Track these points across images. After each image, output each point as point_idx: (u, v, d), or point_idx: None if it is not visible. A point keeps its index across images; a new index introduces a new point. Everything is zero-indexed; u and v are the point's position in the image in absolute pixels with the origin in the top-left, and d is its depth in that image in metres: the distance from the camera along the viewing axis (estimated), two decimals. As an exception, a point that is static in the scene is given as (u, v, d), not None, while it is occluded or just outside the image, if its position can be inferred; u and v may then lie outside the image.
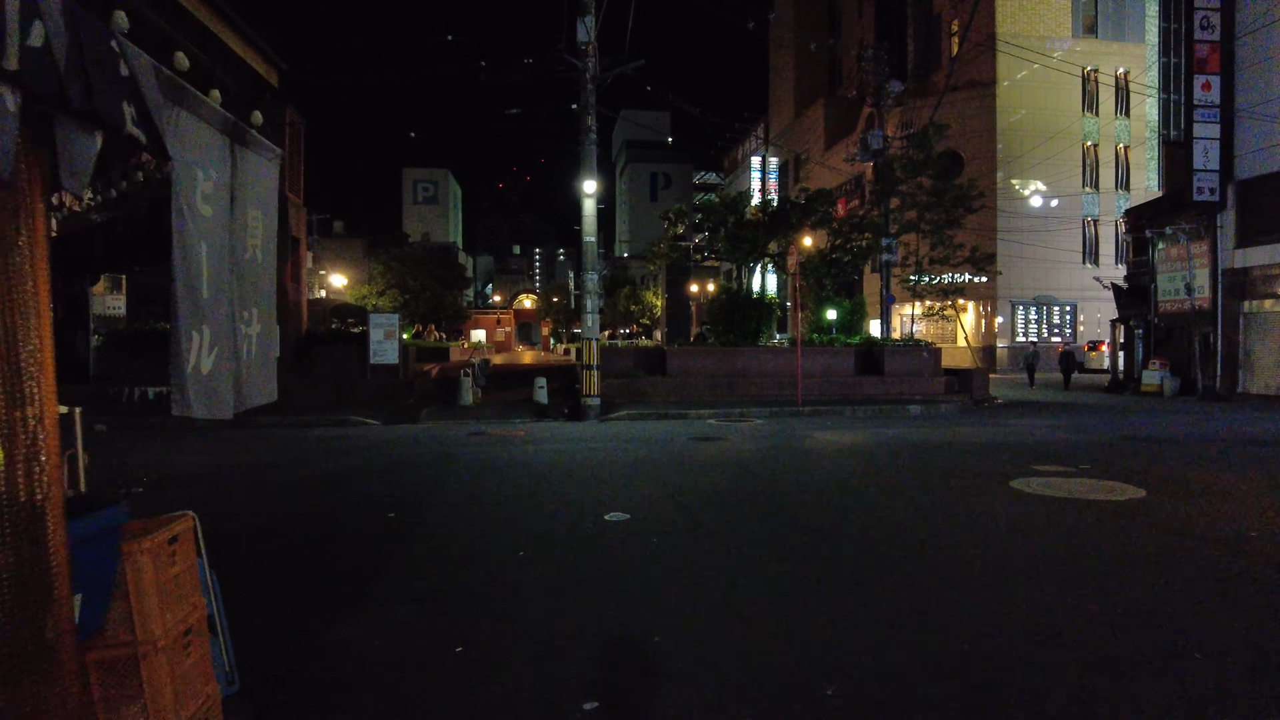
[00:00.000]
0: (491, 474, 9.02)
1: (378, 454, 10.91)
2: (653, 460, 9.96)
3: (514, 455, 10.58)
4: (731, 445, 11.58)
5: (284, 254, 17.86)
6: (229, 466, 9.93)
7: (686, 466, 9.48)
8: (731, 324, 19.71)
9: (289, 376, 17.47)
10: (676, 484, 8.23)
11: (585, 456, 10.35)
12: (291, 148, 18.16)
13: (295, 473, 9.42)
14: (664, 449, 11.12)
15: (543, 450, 11.08)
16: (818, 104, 58.66)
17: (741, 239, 19.33)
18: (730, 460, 10.02)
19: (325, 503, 7.52)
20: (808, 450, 11.07)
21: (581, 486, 8.09)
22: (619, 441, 12.07)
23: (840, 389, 19.69)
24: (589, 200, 16.21)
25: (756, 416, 16.67)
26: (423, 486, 8.31)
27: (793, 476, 8.80)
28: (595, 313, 16.33)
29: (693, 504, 7.14)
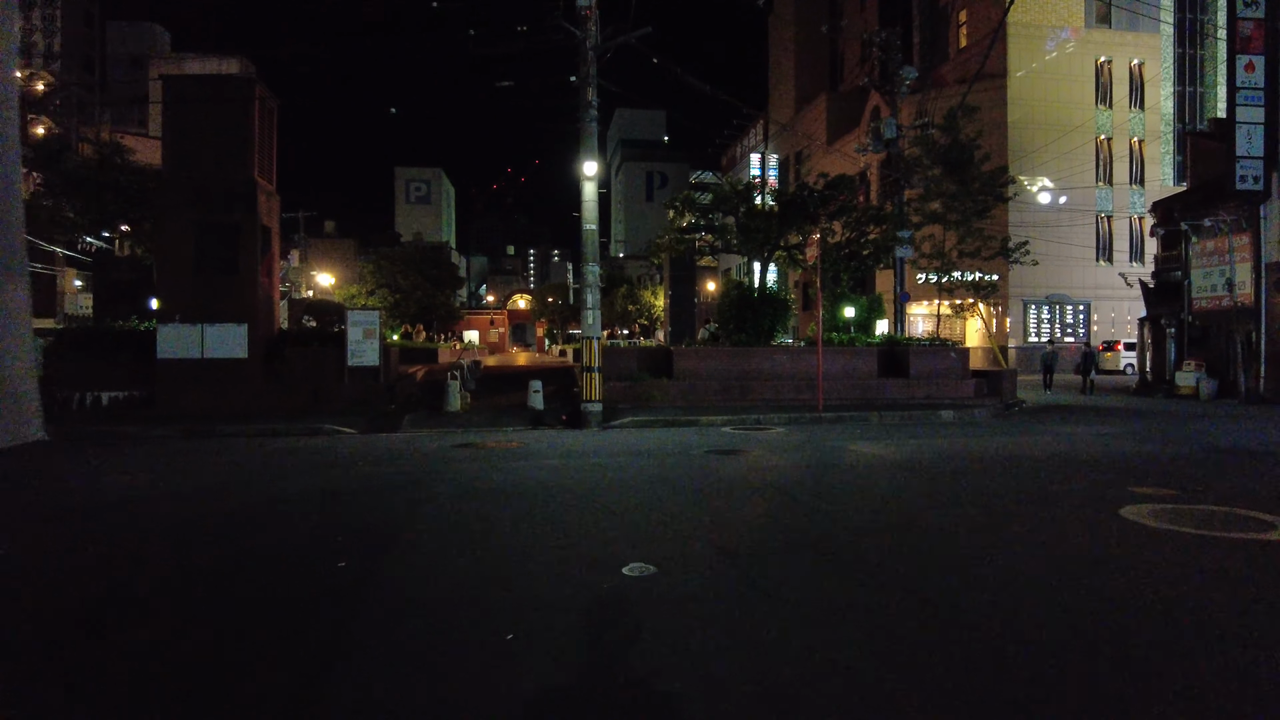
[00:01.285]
0: (476, 500, 7.38)
1: (346, 472, 9.26)
2: (669, 481, 8.33)
3: (505, 474, 8.94)
4: (758, 460, 9.95)
5: (253, 245, 16.20)
6: (165, 490, 8.27)
7: (712, 491, 7.86)
8: (743, 322, 18.11)
9: (258, 380, 15.81)
10: (706, 517, 6.60)
11: (589, 476, 8.72)
12: (262, 128, 16.49)
13: (241, 498, 7.77)
14: (680, 465, 9.49)
15: (538, 467, 9.44)
16: (819, 99, 57.18)
17: (753, 230, 17.75)
18: (763, 481, 8.39)
19: (263, 544, 5.88)
20: (850, 467, 9.46)
21: (588, 520, 6.46)
22: (626, 455, 10.44)
23: (862, 392, 18.11)
24: (589, 184, 14.60)
25: (775, 424, 15.07)
26: (392, 518, 6.67)
27: (848, 505, 7.18)
28: (596, 308, 14.71)
29: (734, 548, 5.52)
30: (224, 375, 15.98)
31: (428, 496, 7.53)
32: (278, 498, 7.71)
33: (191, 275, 15.93)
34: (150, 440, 13.27)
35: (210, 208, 15.95)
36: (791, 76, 65.03)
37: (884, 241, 19.99)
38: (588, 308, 14.60)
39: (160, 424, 14.35)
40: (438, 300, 55.92)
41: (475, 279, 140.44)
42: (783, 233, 19.01)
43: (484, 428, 14.64)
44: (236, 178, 16.08)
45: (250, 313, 16.16)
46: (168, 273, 15.96)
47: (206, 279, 16.00)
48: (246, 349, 16.08)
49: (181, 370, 15.86)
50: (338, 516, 6.79)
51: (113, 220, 16.67)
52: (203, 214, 15.94)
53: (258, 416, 15.17)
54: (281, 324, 18.89)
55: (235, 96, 15.99)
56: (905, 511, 6.79)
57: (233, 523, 6.63)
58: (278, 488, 8.27)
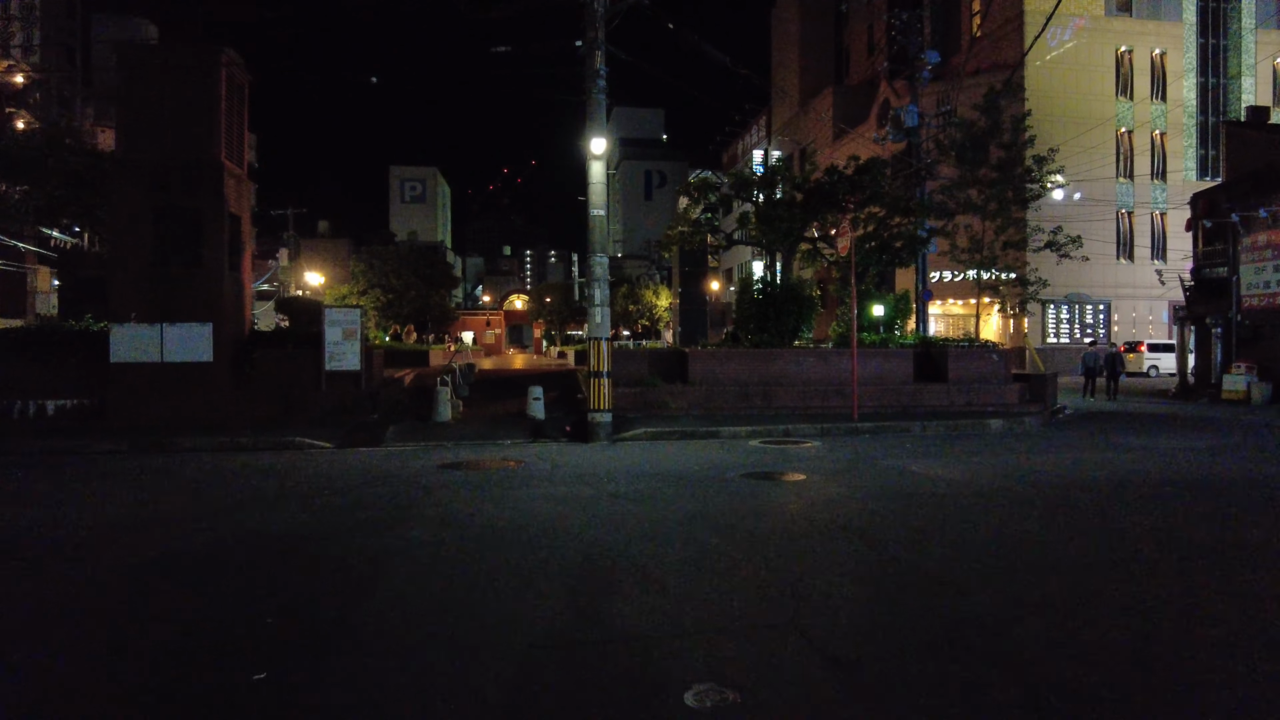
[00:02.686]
0: (463, 555, 5.62)
1: (305, 504, 7.50)
2: (712, 521, 6.57)
3: (500, 508, 7.18)
4: (810, 489, 8.21)
5: (219, 234, 14.42)
6: (73, 526, 6.50)
7: (772, 537, 6.11)
8: (765, 322, 16.37)
9: (224, 386, 14.05)
10: (781, 585, 4.85)
11: (608, 512, 6.95)
12: (230, 104, 14.72)
13: (162, 543, 6.00)
14: (717, 495, 7.74)
15: (542, 498, 7.68)
16: (825, 93, 55.51)
17: (776, 219, 16.03)
18: (830, 521, 6.64)
19: (157, 635, 4.12)
20: (929, 497, 7.71)
21: (617, 592, 4.71)
22: (648, 479, 8.68)
23: (897, 399, 16.37)
24: (597, 163, 12.85)
25: (807, 436, 13.36)
26: (347, 581, 4.92)
27: (967, 563, 5.43)
28: (605, 305, 12.96)
29: (842, 649, 3.76)
30: (186, 381, 14.20)
31: (401, 546, 5.76)
32: (206, 547, 5.94)
33: (149, 268, 14.14)
34: (93, 456, 11.50)
35: (170, 192, 14.17)
36: (796, 71, 63.33)
37: (915, 232, 18.28)
38: (595, 304, 12.86)
39: (110, 437, 12.57)
40: (433, 301, 54.12)
41: (471, 280, 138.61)
42: (806, 223, 17.30)
43: (477, 441, 12.88)
44: (200, 158, 14.30)
45: (216, 311, 14.38)
46: (122, 265, 14.17)
47: (166, 273, 14.22)
48: (211, 351, 14.30)
49: (138, 375, 14.07)
50: (277, 580, 5.03)
51: (63, 207, 14.93)
52: (161, 199, 14.15)
53: (222, 428, 13.40)
54: (254, 324, 17.10)
55: (198, 66, 14.20)
56: (1059, 572, 5.04)
57: (134, 586, 4.88)
58: (213, 529, 6.50)
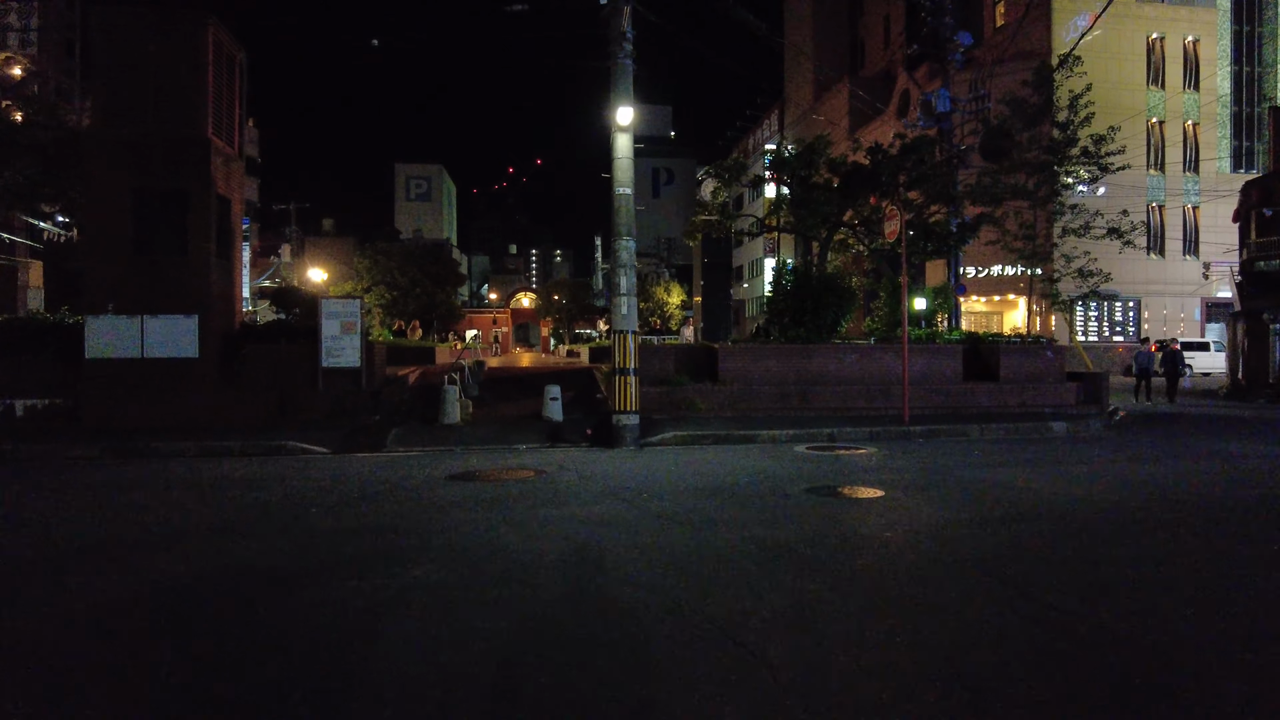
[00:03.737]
0: (482, 603, 4.29)
1: (293, 527, 6.19)
2: (795, 555, 5.23)
3: (524, 536, 5.85)
4: (896, 508, 6.86)
5: (206, 218, 13.13)
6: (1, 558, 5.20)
7: (878, 577, 4.77)
8: (802, 314, 15.00)
9: (212, 385, 12.79)
10: (922, 655, 3.52)
11: (657, 542, 5.61)
12: (219, 76, 13.43)
13: (105, 584, 4.69)
14: (787, 518, 6.39)
15: (574, 520, 6.34)
16: (841, 85, 54.02)
17: (813, 205, 14.66)
18: (943, 553, 5.29)
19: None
20: (1042, 517, 6.35)
21: (694, 669, 3.37)
22: (694, 495, 7.34)
23: (945, 399, 15.01)
24: (623, 136, 11.51)
25: (856, 440, 12.03)
26: (334, 653, 3.60)
27: (1150, 608, 4.08)
28: (632, 295, 11.64)
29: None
30: (169, 379, 12.92)
31: (399, 592, 4.43)
32: (162, 592, 4.61)
33: (128, 255, 12.86)
34: (60, 463, 10.23)
35: (152, 171, 12.89)
36: (809, 63, 61.86)
37: (961, 219, 16.89)
38: (621, 293, 11.53)
39: (83, 440, 11.31)
40: (438, 298, 52.87)
41: (477, 278, 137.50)
42: (843, 208, 15.93)
43: (489, 446, 11.57)
44: (185, 135, 13.02)
45: (202, 302, 13.10)
46: (98, 252, 12.90)
47: (147, 260, 12.94)
48: (197, 346, 13.02)
49: (116, 373, 12.80)
50: (246, 646, 3.71)
51: (36, 189, 13.69)
52: (142, 179, 12.88)
53: (208, 430, 12.12)
54: (248, 318, 15.80)
55: (183, 33, 12.91)
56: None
57: (49, 658, 3.56)
58: (177, 562, 5.19)
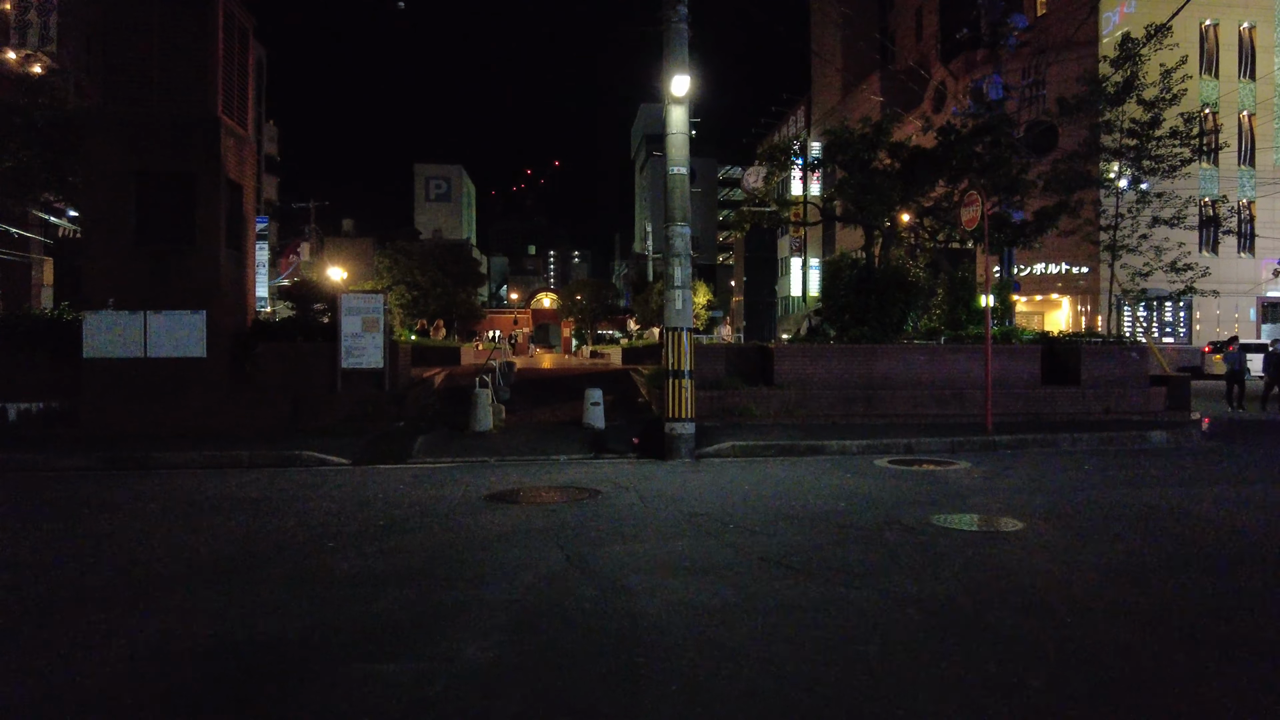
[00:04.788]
0: (571, 712, 3.00)
1: (295, 577, 4.93)
2: (973, 626, 3.91)
3: (597, 586, 4.55)
4: (1044, 544, 5.50)
5: (215, 205, 11.97)
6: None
7: (1112, 664, 3.43)
8: (864, 312, 13.63)
9: (221, 387, 11.64)
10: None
11: (777, 601, 4.29)
12: (229, 50, 12.29)
13: (42, 665, 3.45)
14: (927, 563, 5.05)
15: (653, 564, 5.02)
16: (872, 78, 52.50)
17: (878, 191, 13.30)
18: (1174, 619, 3.94)
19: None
20: (1247, 557, 4.98)
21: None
22: (788, 525, 6.02)
23: (1023, 405, 13.59)
24: (678, 109, 10.21)
25: (935, 451, 10.73)
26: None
27: None
28: (687, 287, 10.34)
29: None
30: (175, 380, 11.77)
31: (448, 686, 3.14)
32: (116, 681, 3.36)
33: (130, 245, 11.73)
34: (49, 476, 9.08)
35: (156, 153, 11.75)
36: (838, 57, 60.34)
37: (1052, 208, 15.44)
38: (675, 285, 10.22)
39: (79, 449, 10.17)
40: (459, 298, 51.88)
41: (496, 279, 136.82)
42: (907, 195, 14.55)
43: (527, 457, 10.32)
44: (192, 113, 11.87)
45: (211, 297, 11.93)
46: (98, 243, 11.77)
47: (151, 250, 11.80)
48: (205, 345, 11.85)
49: (116, 374, 11.66)
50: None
51: (31, 175, 12.62)
52: (146, 161, 11.74)
53: (216, 437, 10.96)
54: (258, 314, 14.66)
55: (191, 2, 11.76)
56: None
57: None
58: (148, 627, 3.94)
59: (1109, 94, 17.07)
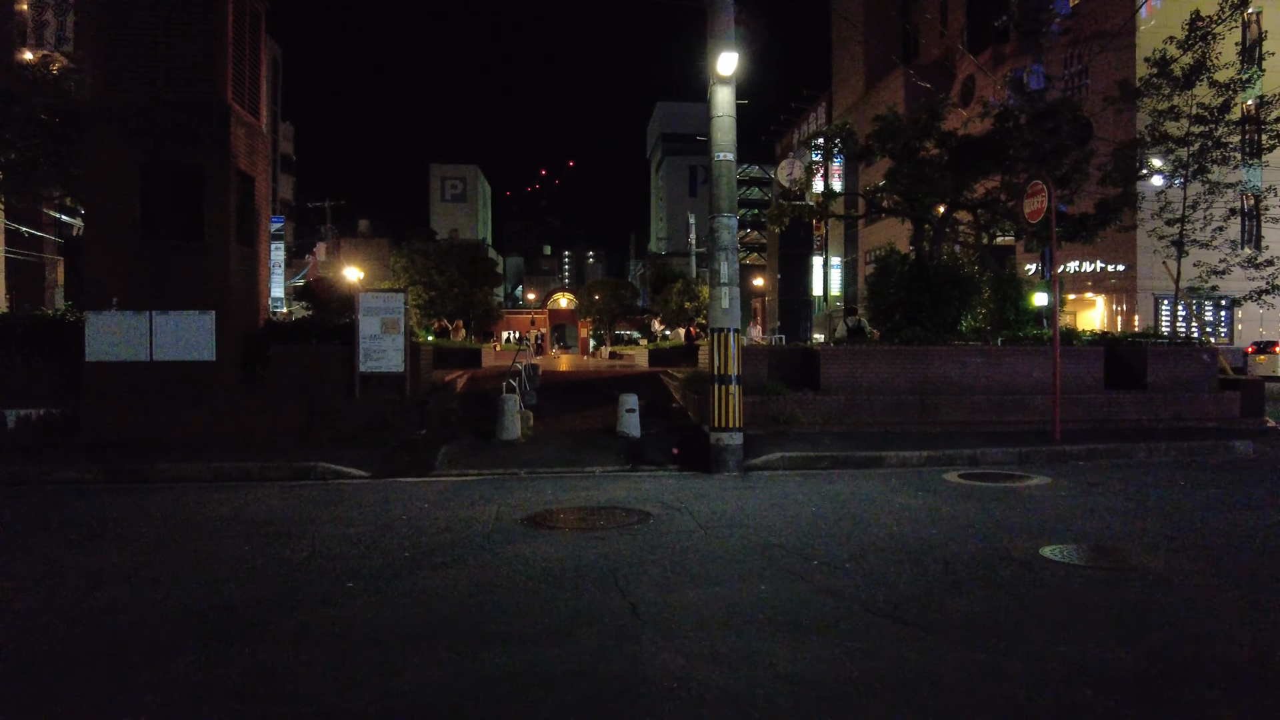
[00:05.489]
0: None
1: (304, 636, 4.12)
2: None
3: (676, 657, 3.70)
4: (1202, 587, 4.61)
5: (225, 198, 11.24)
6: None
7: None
8: (916, 311, 12.73)
9: (231, 392, 10.91)
10: None
11: (910, 678, 3.44)
12: (239, 33, 11.56)
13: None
14: (1070, 616, 4.17)
15: (735, 618, 4.18)
16: (895, 74, 51.32)
17: (930, 181, 12.38)
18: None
19: None
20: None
21: None
22: (877, 559, 5.16)
23: (1087, 411, 12.63)
24: (724, 90, 9.35)
25: (1003, 462, 9.89)
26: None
27: None
28: (734, 284, 9.47)
29: None
30: (182, 385, 11.04)
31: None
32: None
33: (135, 241, 11.01)
34: (41, 490, 8.36)
35: (162, 143, 11.03)
36: (859, 53, 59.29)
37: (1110, 200, 14.47)
38: (721, 282, 9.36)
39: (79, 459, 9.47)
40: (476, 298, 51.12)
41: (511, 279, 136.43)
42: (959, 186, 13.63)
43: (560, 469, 9.51)
44: (200, 100, 11.15)
45: (220, 296, 11.20)
46: (101, 238, 11.06)
47: (157, 246, 11.08)
48: (214, 347, 11.12)
49: (120, 378, 10.95)
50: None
51: (33, 167, 11.97)
52: (151, 151, 11.02)
53: (225, 446, 10.22)
54: (279, 319, 13.91)
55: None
56: None
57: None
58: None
59: (1176, 77, 16.06)
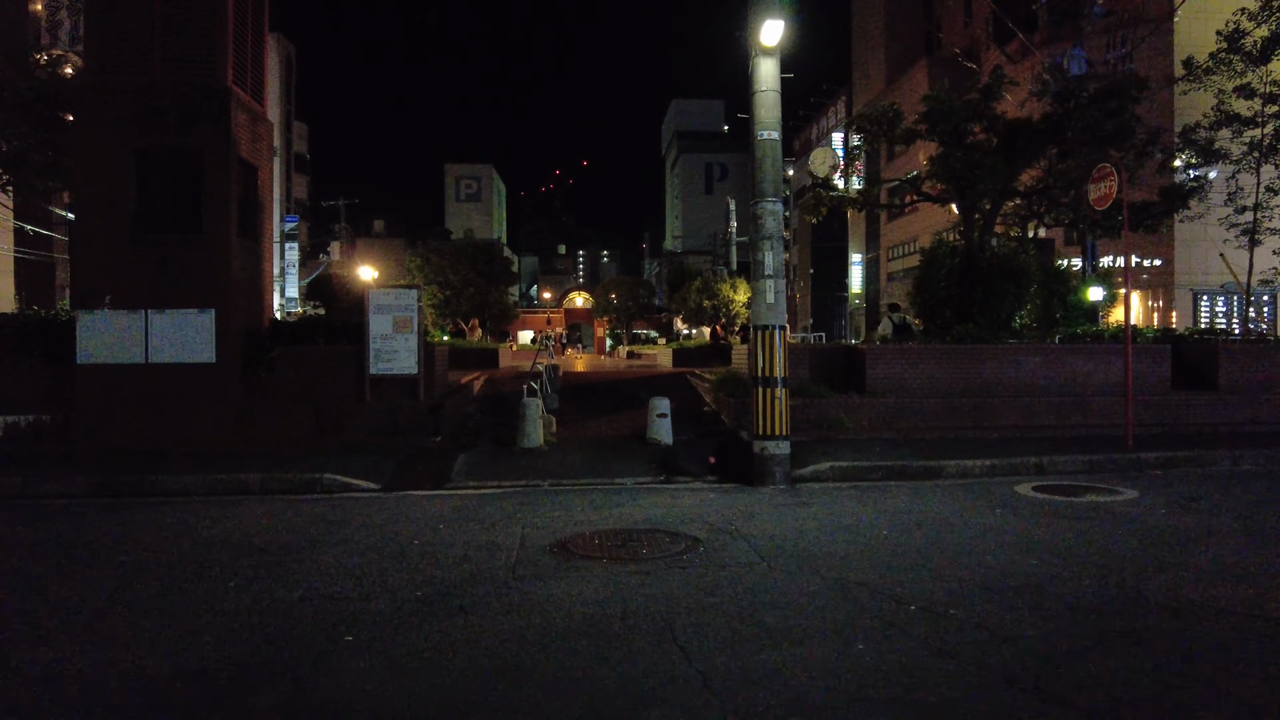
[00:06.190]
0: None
1: (279, 714, 3.28)
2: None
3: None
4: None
5: (225, 188, 10.47)
6: None
7: None
8: (968, 306, 11.79)
9: (234, 396, 10.14)
10: None
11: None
12: (240, 11, 10.78)
13: None
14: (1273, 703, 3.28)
15: (833, 705, 3.30)
16: (919, 65, 50.12)
17: (985, 166, 11.41)
18: None
19: None
20: None
21: None
22: (985, 599, 4.27)
23: (1154, 413, 11.64)
24: (767, 61, 8.46)
25: (1073, 471, 9.06)
26: None
27: None
28: (779, 275, 8.57)
29: None
30: (180, 389, 10.28)
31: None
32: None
33: (129, 234, 10.25)
34: (28, 505, 7.60)
35: (158, 128, 10.26)
36: (881, 45, 58.09)
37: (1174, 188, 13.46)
38: (765, 274, 8.46)
39: (67, 470, 8.71)
40: (491, 297, 50.38)
41: (526, 279, 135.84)
42: (1012, 172, 12.65)
43: (587, 481, 8.66)
44: (199, 82, 10.38)
45: (221, 293, 10.43)
46: (92, 231, 10.31)
47: (153, 241, 10.32)
48: (214, 349, 10.34)
49: (115, 382, 10.20)
50: None
51: (21, 157, 11.25)
52: (147, 138, 10.26)
53: (225, 456, 9.43)
54: (278, 313, 13.11)
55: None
56: None
57: None
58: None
59: (1249, 52, 14.98)
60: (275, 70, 55.90)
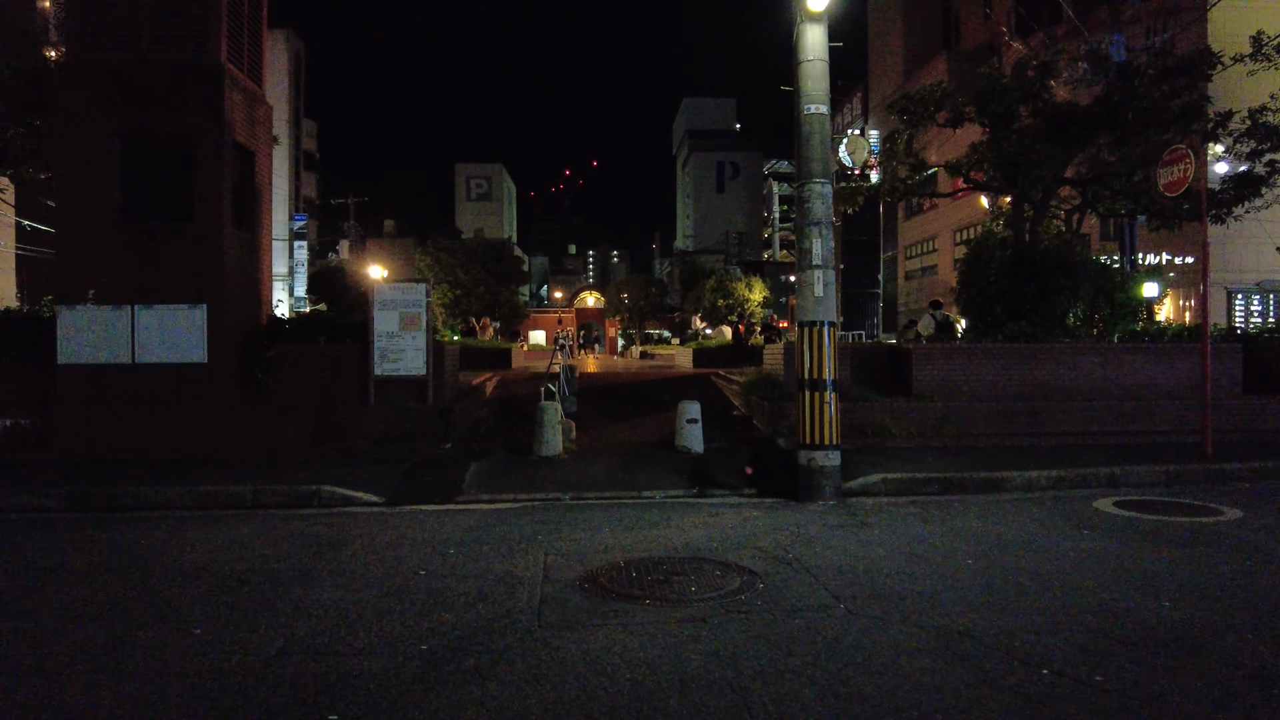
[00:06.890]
0: None
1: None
2: None
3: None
4: None
5: (218, 174, 9.66)
6: None
7: None
8: (1019, 303, 10.87)
9: (228, 398, 9.33)
10: None
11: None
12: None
13: None
14: None
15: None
16: (938, 59, 48.99)
17: (1041, 153, 10.50)
18: None
19: None
20: None
21: None
22: (1133, 657, 3.40)
23: (1225, 418, 10.67)
24: (814, 28, 7.59)
25: (1151, 483, 8.24)
26: None
27: None
28: (828, 265, 7.69)
29: None
30: (169, 391, 9.50)
31: None
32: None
33: (114, 223, 9.48)
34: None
35: (145, 110, 9.49)
36: (899, 39, 56.99)
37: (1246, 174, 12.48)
38: (814, 264, 7.57)
39: (44, 480, 7.92)
40: (502, 296, 49.69)
41: (536, 278, 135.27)
42: (1064, 159, 11.72)
43: (612, 495, 7.82)
44: (190, 60, 9.58)
45: (214, 287, 9.63)
46: (74, 219, 9.53)
47: (140, 230, 9.54)
48: (206, 347, 9.55)
49: (99, 383, 9.43)
50: None
51: (5, 143, 10.48)
52: (133, 119, 9.48)
53: (216, 464, 8.64)
54: (297, 312, 12.31)
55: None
56: None
57: None
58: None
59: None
60: (284, 68, 55.38)
